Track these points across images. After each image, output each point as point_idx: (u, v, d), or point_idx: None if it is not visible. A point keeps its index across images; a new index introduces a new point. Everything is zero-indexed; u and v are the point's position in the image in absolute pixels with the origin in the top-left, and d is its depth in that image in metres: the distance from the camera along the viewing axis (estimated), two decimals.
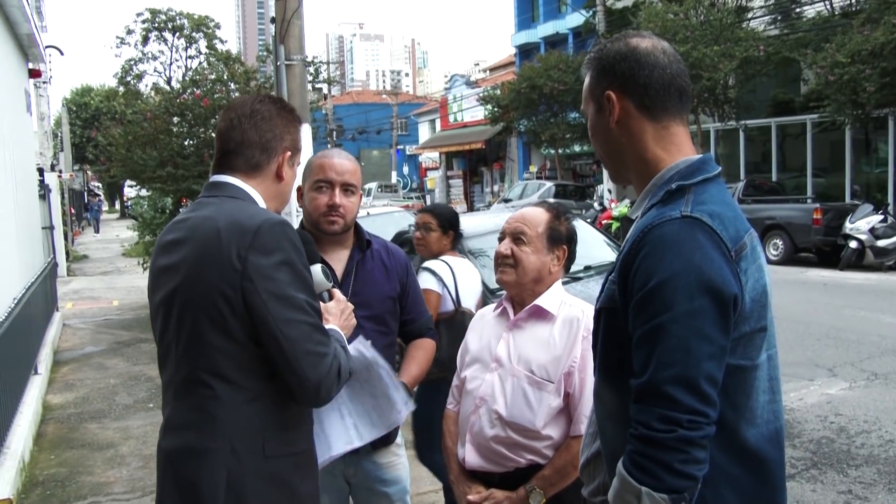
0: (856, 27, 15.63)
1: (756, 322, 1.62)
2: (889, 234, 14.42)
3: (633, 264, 1.59)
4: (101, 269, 20.69)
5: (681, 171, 1.69)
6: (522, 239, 2.64)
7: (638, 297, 1.56)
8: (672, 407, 1.48)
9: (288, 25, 8.22)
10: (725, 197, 1.69)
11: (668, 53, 1.75)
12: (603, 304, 1.74)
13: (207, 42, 31.28)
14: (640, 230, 1.62)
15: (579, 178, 33.06)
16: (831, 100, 16.01)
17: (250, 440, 1.95)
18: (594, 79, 1.80)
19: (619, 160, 1.80)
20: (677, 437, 1.46)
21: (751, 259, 1.62)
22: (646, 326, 1.54)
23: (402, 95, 67.16)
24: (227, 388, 1.96)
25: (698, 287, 1.51)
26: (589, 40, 28.23)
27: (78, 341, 10.87)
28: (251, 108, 2.15)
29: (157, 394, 7.79)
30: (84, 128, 41.56)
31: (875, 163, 20.28)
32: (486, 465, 2.62)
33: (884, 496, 4.87)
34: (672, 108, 1.73)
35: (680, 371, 1.48)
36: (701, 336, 1.50)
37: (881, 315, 10.06)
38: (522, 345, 2.62)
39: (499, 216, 8.13)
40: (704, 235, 1.55)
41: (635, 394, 1.55)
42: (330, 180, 2.74)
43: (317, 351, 1.92)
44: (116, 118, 14.65)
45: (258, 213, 1.99)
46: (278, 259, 1.92)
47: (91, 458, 6.01)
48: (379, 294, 2.82)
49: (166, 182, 11.09)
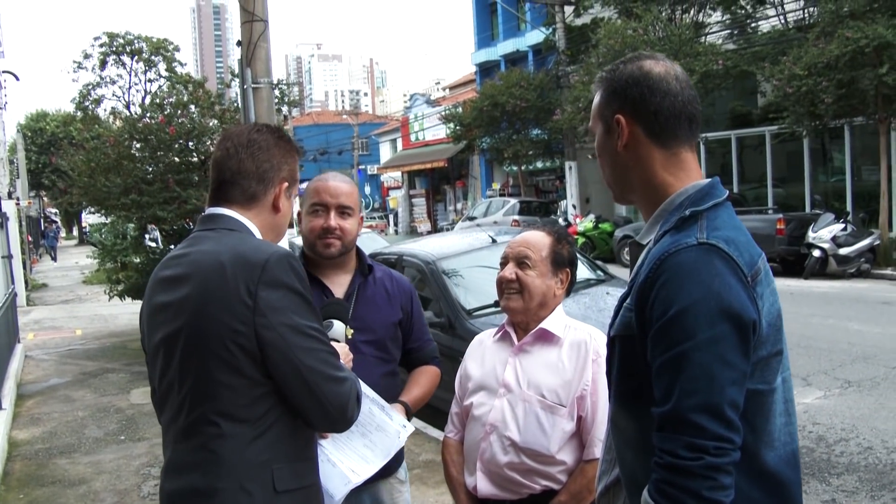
0: (811, 40, 15.94)
1: (772, 346, 1.62)
2: (851, 243, 14.70)
3: (651, 293, 1.58)
4: (62, 298, 20.31)
5: (691, 197, 1.69)
6: (527, 263, 2.61)
7: (658, 325, 1.55)
8: (698, 434, 1.47)
9: (254, 48, 8.16)
10: (736, 221, 1.69)
11: (680, 80, 1.74)
12: (618, 332, 1.73)
13: (167, 65, 30.94)
14: (656, 258, 1.61)
15: (542, 195, 33.24)
16: (790, 111, 16.27)
17: (260, 476, 1.90)
18: (604, 99, 1.79)
19: (625, 182, 1.80)
20: (704, 464, 1.46)
21: (765, 283, 1.62)
22: (667, 355, 1.53)
23: (362, 115, 67.15)
24: (235, 427, 1.90)
25: (719, 313, 1.50)
26: (549, 57, 28.47)
27: (42, 373, 10.61)
28: (248, 138, 2.09)
29: (128, 425, 7.63)
30: (40, 154, 40.87)
31: (831, 172, 20.69)
32: (499, 493, 2.57)
33: (867, 503, 4.90)
34: (682, 135, 1.73)
35: (704, 398, 1.48)
36: (723, 362, 1.49)
37: (849, 322, 10.20)
38: (531, 369, 2.58)
39: (470, 236, 8.11)
40: (721, 262, 1.55)
41: (659, 422, 1.53)
42: (325, 203, 2.71)
43: (337, 376, 1.93)
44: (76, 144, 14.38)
45: (262, 247, 1.96)
46: (287, 291, 1.90)
47: (63, 496, 5.83)
48: (380, 319, 2.77)
49: (131, 209, 10.89)
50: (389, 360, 2.81)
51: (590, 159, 27.20)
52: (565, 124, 23.13)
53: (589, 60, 21.60)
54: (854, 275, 14.81)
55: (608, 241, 20.90)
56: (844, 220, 15.18)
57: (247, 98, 8.26)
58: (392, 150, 48.11)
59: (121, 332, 13.70)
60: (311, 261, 2.80)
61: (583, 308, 6.34)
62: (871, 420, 6.36)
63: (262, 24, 8.21)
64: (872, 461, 5.54)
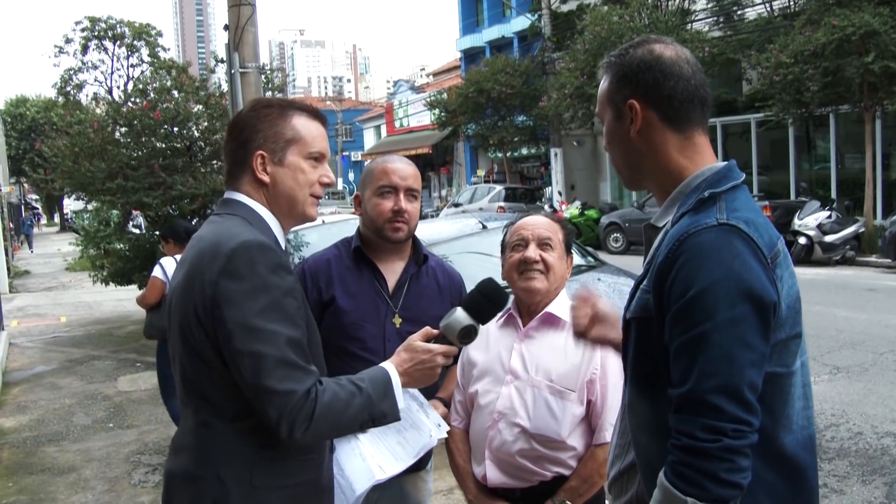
0: (797, 28, 15.97)
1: (791, 329, 1.61)
2: (836, 230, 14.81)
3: (671, 273, 1.56)
4: (45, 285, 20.12)
5: (708, 179, 1.68)
6: (550, 244, 2.59)
7: (677, 306, 1.53)
8: (717, 416, 1.46)
9: (242, 33, 8.08)
10: (753, 204, 1.68)
11: (691, 63, 1.73)
12: (634, 314, 1.71)
13: (150, 50, 30.52)
14: (676, 238, 1.59)
15: (528, 181, 33.23)
16: (776, 99, 16.32)
17: (237, 469, 1.86)
18: (614, 85, 1.76)
19: (637, 168, 1.78)
20: (722, 446, 1.44)
21: (784, 265, 1.61)
22: (686, 335, 1.51)
23: (346, 102, 66.91)
24: (214, 415, 1.89)
25: (739, 294, 1.49)
26: (535, 44, 28.40)
27: (27, 361, 10.51)
28: (231, 119, 2.07)
29: (116, 413, 7.57)
30: (20, 139, 40.35)
31: (815, 160, 20.80)
32: (509, 482, 2.55)
33: (858, 488, 4.94)
34: (695, 118, 1.72)
35: (724, 380, 1.46)
36: (743, 344, 1.48)
37: (835, 309, 10.26)
38: (538, 354, 2.55)
39: (459, 222, 8.08)
40: (742, 243, 1.54)
41: (676, 404, 1.52)
42: (394, 185, 2.65)
43: (276, 388, 1.75)
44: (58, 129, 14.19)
45: (239, 235, 1.85)
46: (251, 285, 1.79)
47: (52, 484, 5.77)
48: (429, 313, 2.64)
49: (115, 194, 10.77)
50: None
51: (575, 146, 27.28)
52: (551, 111, 23.10)
53: (574, 47, 21.57)
54: (839, 262, 14.92)
55: (594, 228, 20.95)
56: (830, 207, 15.28)
57: (234, 83, 8.17)
58: (376, 136, 47.98)
59: (106, 319, 13.59)
60: (368, 243, 2.73)
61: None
62: (861, 405, 6.41)
63: (249, 8, 8.12)
64: (863, 446, 5.58)
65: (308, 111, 2.07)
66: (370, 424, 1.93)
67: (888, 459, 5.32)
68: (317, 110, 2.11)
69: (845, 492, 4.89)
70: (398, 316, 2.65)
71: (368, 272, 2.69)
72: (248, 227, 1.91)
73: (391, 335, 2.64)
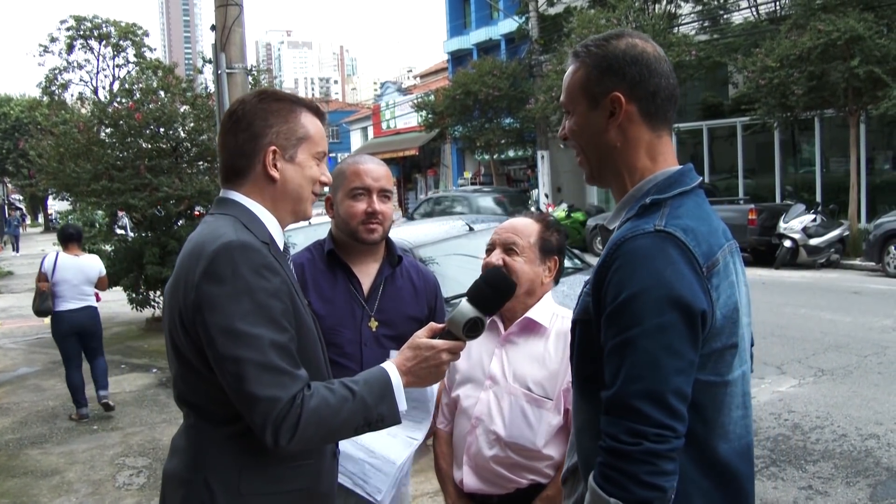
0: (783, 33, 16.05)
1: (728, 339, 1.61)
2: (821, 233, 14.88)
3: (606, 277, 1.58)
4: (29, 286, 19.88)
5: (658, 185, 1.68)
6: (514, 249, 2.54)
7: (609, 309, 1.55)
8: (639, 420, 1.48)
9: (229, 33, 8.05)
10: (703, 211, 1.68)
11: (667, 62, 1.74)
12: (578, 316, 1.73)
13: (136, 50, 30.43)
14: (614, 243, 1.61)
15: (514, 183, 33.24)
16: (761, 103, 16.39)
17: (224, 475, 1.83)
18: (595, 76, 1.71)
19: (605, 163, 1.75)
20: (643, 449, 1.46)
21: (723, 275, 1.61)
22: (616, 339, 1.53)
23: (333, 103, 66.86)
24: (202, 418, 1.86)
25: (668, 302, 1.50)
26: (522, 46, 28.42)
27: (10, 363, 10.43)
28: (230, 112, 1.99)
29: (100, 415, 7.51)
30: (3, 139, 40.11)
31: (801, 164, 20.91)
32: (485, 488, 2.53)
33: (843, 490, 4.96)
34: (669, 117, 1.74)
35: (648, 385, 1.48)
36: (670, 351, 1.50)
37: (820, 312, 10.32)
38: (517, 361, 2.52)
39: (446, 224, 8.07)
40: (676, 251, 1.55)
41: (605, 406, 1.54)
42: (367, 187, 2.62)
43: (259, 395, 1.70)
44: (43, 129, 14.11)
45: (223, 236, 1.79)
46: (233, 288, 1.73)
47: (35, 487, 5.72)
48: (405, 314, 2.65)
49: (101, 196, 10.71)
50: None
51: (562, 149, 27.30)
52: (538, 113, 23.12)
53: (562, 49, 21.58)
54: (824, 265, 15.01)
55: (580, 231, 20.97)
56: (815, 211, 15.35)
57: (221, 84, 8.14)
58: (363, 138, 47.89)
59: None
60: (341, 246, 2.70)
61: (560, 296, 6.26)
62: (845, 408, 6.44)
63: (236, 9, 8.10)
64: (847, 448, 5.61)
65: (314, 109, 2.04)
66: (366, 429, 1.84)
67: (872, 461, 5.35)
68: (320, 108, 2.07)
69: (830, 493, 4.91)
70: (374, 319, 2.62)
71: (343, 275, 2.66)
72: (237, 227, 1.85)
73: (368, 339, 2.60)
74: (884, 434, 5.82)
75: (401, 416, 1.89)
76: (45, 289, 7.49)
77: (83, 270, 7.61)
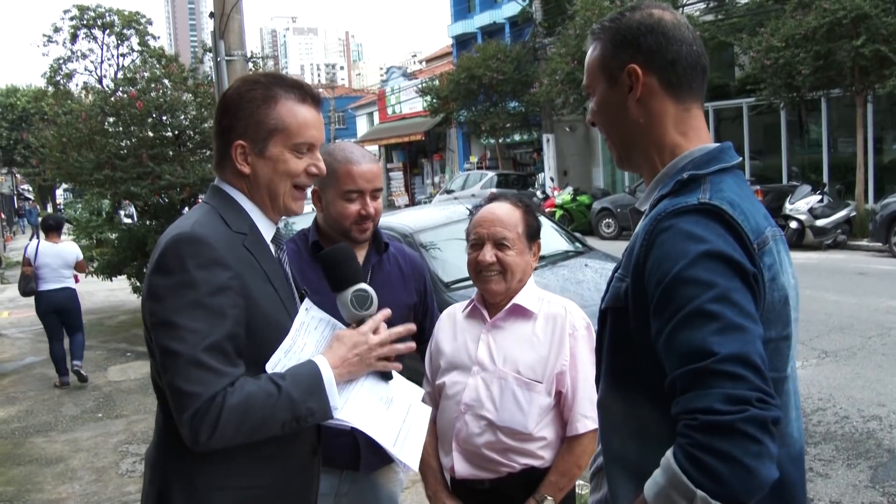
0: (788, 12, 15.92)
1: (782, 328, 1.48)
2: (827, 214, 14.80)
3: (648, 256, 1.44)
4: None
5: (695, 160, 1.55)
6: (506, 244, 2.48)
7: (662, 287, 1.38)
8: (737, 384, 1.25)
9: (228, 20, 8.05)
10: (744, 190, 1.54)
11: (690, 29, 1.61)
12: (609, 304, 1.58)
13: (139, 39, 30.43)
14: (652, 220, 1.47)
15: (520, 167, 33.14)
16: (767, 83, 16.28)
17: (179, 463, 1.80)
18: (610, 50, 1.61)
19: (632, 143, 1.64)
20: (749, 416, 1.22)
21: (775, 257, 1.48)
22: (679, 316, 1.33)
23: (338, 89, 66.62)
24: (163, 406, 1.83)
25: (726, 264, 1.35)
26: (526, 29, 28.31)
27: (17, 352, 10.51)
28: (220, 99, 1.92)
29: (105, 403, 7.56)
30: (11, 129, 40.19)
31: (808, 144, 20.78)
32: (477, 473, 2.51)
33: (843, 472, 4.96)
34: (696, 87, 1.60)
35: (736, 349, 1.27)
36: (744, 313, 1.32)
37: (825, 293, 10.28)
38: (505, 345, 2.50)
39: (447, 209, 8.07)
40: (723, 226, 1.40)
41: (682, 385, 1.31)
42: (361, 189, 2.57)
43: (182, 389, 1.64)
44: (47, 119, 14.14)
45: (180, 228, 1.77)
46: (176, 280, 1.69)
47: (40, 474, 5.77)
48: (394, 301, 2.55)
49: (104, 185, 10.74)
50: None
51: (567, 132, 27.23)
52: (542, 97, 23.03)
53: (566, 32, 21.49)
54: (830, 246, 14.93)
55: (586, 214, 20.94)
56: (821, 191, 15.26)
57: (220, 71, 8.16)
58: (369, 123, 47.78)
59: (98, 309, 13.55)
60: (326, 236, 2.68)
61: (561, 280, 6.33)
62: (848, 389, 6.42)
63: None
64: (849, 430, 5.60)
65: (297, 92, 1.89)
66: (295, 424, 1.75)
67: (873, 443, 5.34)
68: (308, 89, 1.92)
69: (830, 476, 4.90)
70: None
71: None
72: (206, 218, 1.81)
73: None
74: (886, 416, 5.81)
75: (333, 411, 1.79)
76: (29, 272, 8.55)
77: (62, 256, 8.69)
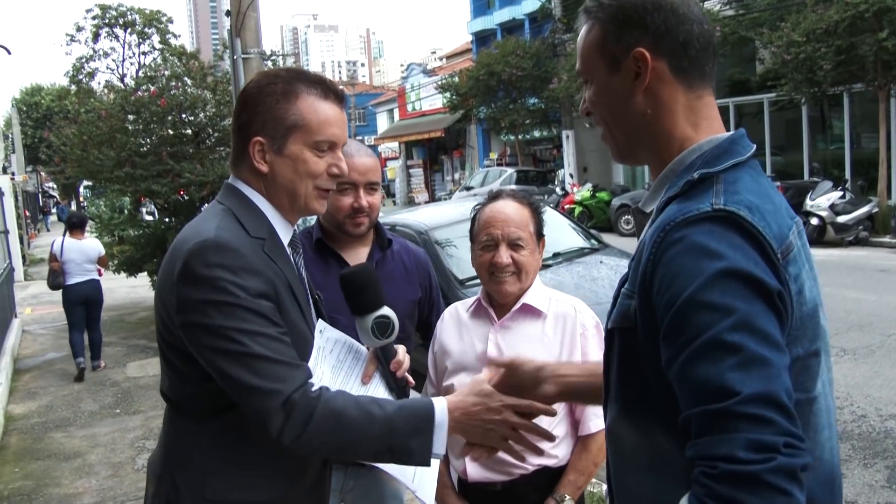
0: (810, 6, 15.75)
1: (810, 343, 1.30)
2: (849, 210, 14.64)
3: (656, 273, 1.27)
4: None
5: (705, 155, 1.37)
6: (521, 244, 2.44)
7: (673, 311, 1.21)
8: (763, 429, 1.09)
9: (244, 18, 8.07)
10: (762, 185, 1.35)
11: (699, 5, 1.44)
12: (617, 324, 1.41)
13: (161, 37, 30.67)
14: (660, 230, 1.29)
15: (540, 164, 33.09)
16: (788, 78, 16.13)
17: (190, 477, 1.76)
18: (612, 32, 1.42)
19: (636, 135, 1.46)
20: (777, 466, 1.07)
21: (801, 263, 1.31)
22: (694, 345, 1.17)
23: (359, 86, 66.82)
24: (177, 414, 1.82)
25: (746, 285, 1.18)
26: (545, 25, 28.21)
27: (39, 348, 10.64)
28: (239, 93, 1.86)
29: (123, 399, 7.64)
30: (35, 128, 40.63)
31: (830, 140, 20.56)
32: (490, 476, 2.47)
33: (860, 471, 4.92)
34: (708, 72, 1.43)
35: (762, 386, 1.11)
36: (769, 342, 1.15)
37: (846, 291, 10.17)
38: (515, 344, 2.45)
39: (463, 205, 8.06)
40: (742, 235, 1.22)
41: (699, 424, 1.14)
42: (353, 181, 2.56)
43: (254, 385, 1.60)
44: (69, 117, 14.28)
45: (202, 233, 1.68)
46: (205, 287, 1.63)
47: (58, 469, 5.85)
48: (398, 297, 2.57)
49: (124, 182, 10.84)
50: (405, 339, 2.62)
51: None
52: (562, 93, 22.97)
53: None
54: (852, 242, 14.76)
55: (605, 210, 20.84)
56: (843, 187, 15.09)
57: (237, 69, 8.18)
58: (389, 120, 47.87)
59: (118, 305, 13.69)
60: (329, 234, 2.69)
61: (576, 277, 6.31)
62: (866, 388, 6.36)
63: None
64: (866, 429, 5.55)
65: (319, 87, 1.80)
66: (388, 458, 1.67)
67: (891, 443, 5.29)
68: (331, 85, 1.83)
69: (846, 475, 4.86)
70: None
71: (334, 262, 2.65)
72: (224, 222, 1.73)
73: None
74: None
75: (433, 458, 1.70)
76: (56, 267, 9.10)
77: (85, 251, 9.27)
